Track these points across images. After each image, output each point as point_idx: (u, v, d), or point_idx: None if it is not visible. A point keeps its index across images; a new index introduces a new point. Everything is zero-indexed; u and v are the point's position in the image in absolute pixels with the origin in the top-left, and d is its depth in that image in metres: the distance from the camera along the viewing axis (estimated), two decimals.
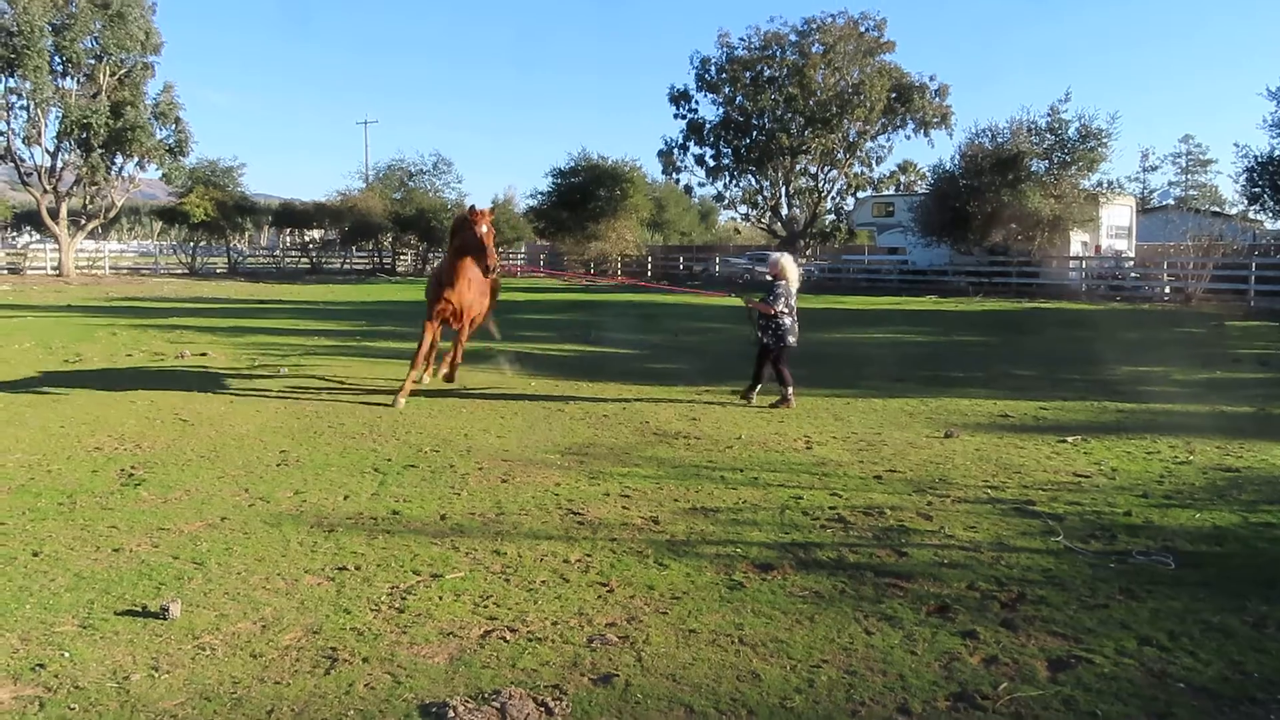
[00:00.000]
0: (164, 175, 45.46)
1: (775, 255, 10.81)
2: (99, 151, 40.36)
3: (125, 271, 47.76)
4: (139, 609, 4.24)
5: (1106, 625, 4.19)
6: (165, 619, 4.09)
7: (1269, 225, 34.78)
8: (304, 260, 53.56)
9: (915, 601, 4.46)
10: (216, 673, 3.64)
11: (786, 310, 10.10)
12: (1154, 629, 4.14)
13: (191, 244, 51.14)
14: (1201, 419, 9.33)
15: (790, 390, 10.00)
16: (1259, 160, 24.10)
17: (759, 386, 10.27)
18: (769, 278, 10.55)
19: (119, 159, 42.09)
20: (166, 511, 5.82)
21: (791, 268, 10.37)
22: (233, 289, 34.89)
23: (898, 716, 3.38)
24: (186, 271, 48.59)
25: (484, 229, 9.55)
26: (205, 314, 22.55)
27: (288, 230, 56.28)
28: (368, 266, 54.49)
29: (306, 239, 55.66)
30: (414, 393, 10.34)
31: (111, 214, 44.28)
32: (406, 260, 55.86)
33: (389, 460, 7.33)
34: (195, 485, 6.46)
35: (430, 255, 55.20)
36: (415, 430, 8.56)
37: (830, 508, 6.05)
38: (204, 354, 13.97)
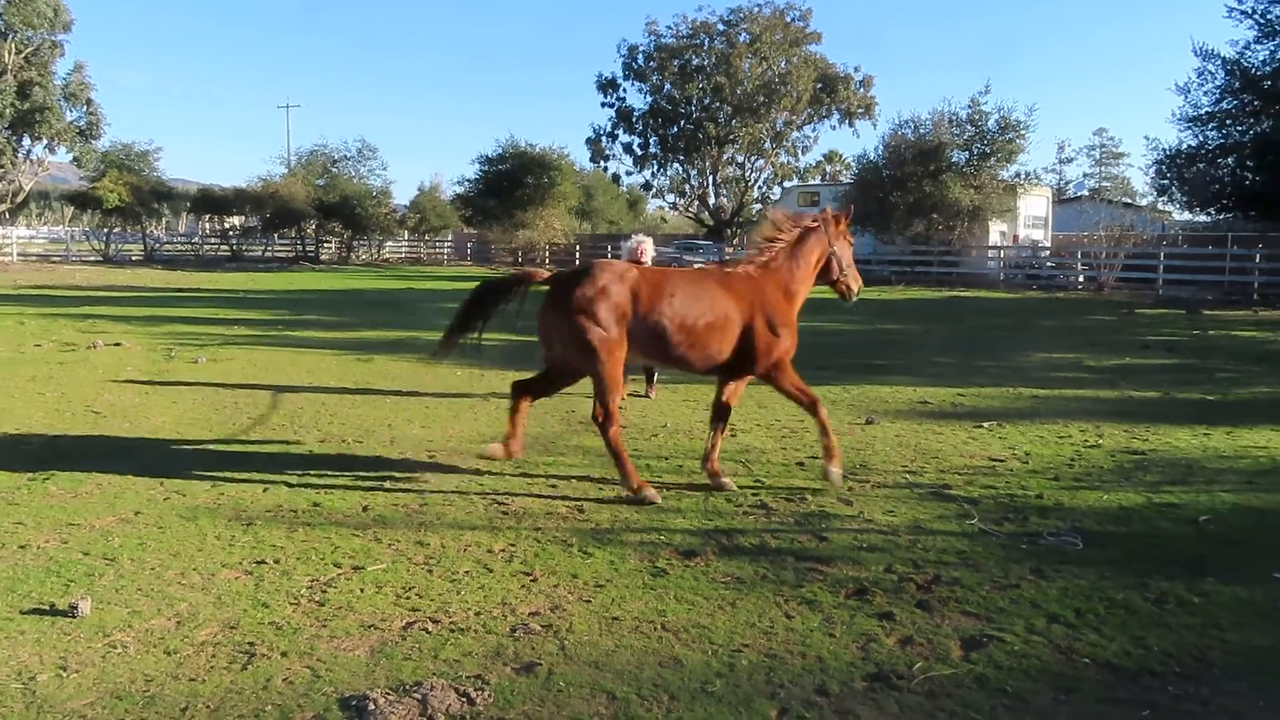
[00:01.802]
0: (75, 159, 44.02)
1: (637, 238, 10.19)
2: (5, 133, 38.88)
3: (34, 259, 46.05)
4: (46, 607, 4.12)
5: (1017, 604, 4.32)
6: (74, 617, 3.98)
7: (1177, 216, 36.00)
8: (224, 248, 52.26)
9: (834, 585, 4.54)
10: (128, 671, 3.55)
11: None
12: (1062, 607, 4.28)
13: (105, 230, 49.57)
14: (1111, 404, 9.65)
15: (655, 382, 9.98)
16: (1167, 153, 24.95)
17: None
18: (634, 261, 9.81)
19: (26, 141, 40.62)
20: (76, 506, 5.66)
21: (652, 252, 10.10)
22: (149, 277, 33.89)
23: (816, 698, 3.44)
24: (100, 259, 47.00)
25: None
26: (120, 303, 21.89)
27: (207, 217, 54.82)
28: (290, 254, 53.37)
29: (226, 226, 54.24)
30: (334, 388, 10.18)
31: (19, 198, 42.72)
32: (331, 248, 54.84)
33: (311, 451, 7.22)
34: (107, 479, 6.28)
35: (355, 243, 54.28)
36: (338, 421, 8.44)
37: (753, 494, 6.13)
38: (118, 344, 13.56)
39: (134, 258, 48.65)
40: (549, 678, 3.55)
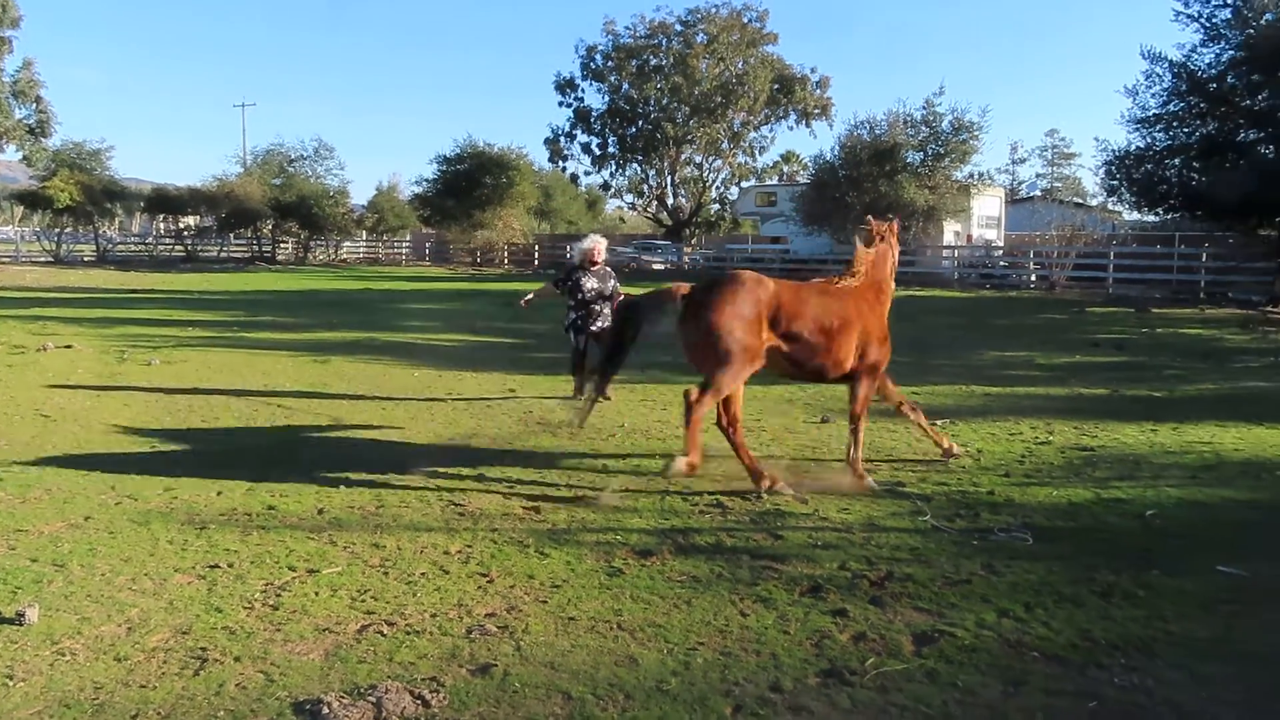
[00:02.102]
0: (24, 157, 43.03)
1: (592, 239, 10.09)
2: None
3: None
4: None
5: (968, 599, 4.39)
6: (21, 624, 3.92)
7: (1126, 216, 36.61)
8: (179, 248, 51.46)
9: (789, 583, 4.59)
10: (77, 678, 3.51)
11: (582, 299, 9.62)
12: (1012, 602, 4.36)
13: (56, 230, 48.58)
14: (1061, 401, 9.83)
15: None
16: (1117, 154, 25.25)
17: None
18: (578, 262, 9.87)
19: None
20: (25, 512, 5.56)
21: (605, 253, 9.99)
22: (102, 278, 33.31)
23: (770, 694, 3.48)
24: (51, 259, 46.01)
25: None
26: (71, 304, 21.49)
27: (161, 217, 53.91)
28: (246, 255, 52.68)
29: (181, 226, 53.42)
30: (309, 393, 10.09)
31: None
32: (287, 248, 54.23)
33: (265, 454, 7.15)
34: (57, 484, 6.17)
35: (312, 244, 53.75)
36: (293, 423, 8.37)
37: (709, 493, 6.16)
38: (69, 346, 13.33)
39: (86, 258, 47.70)
40: (504, 679, 3.56)
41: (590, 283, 9.61)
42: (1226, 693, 3.49)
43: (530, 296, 9.87)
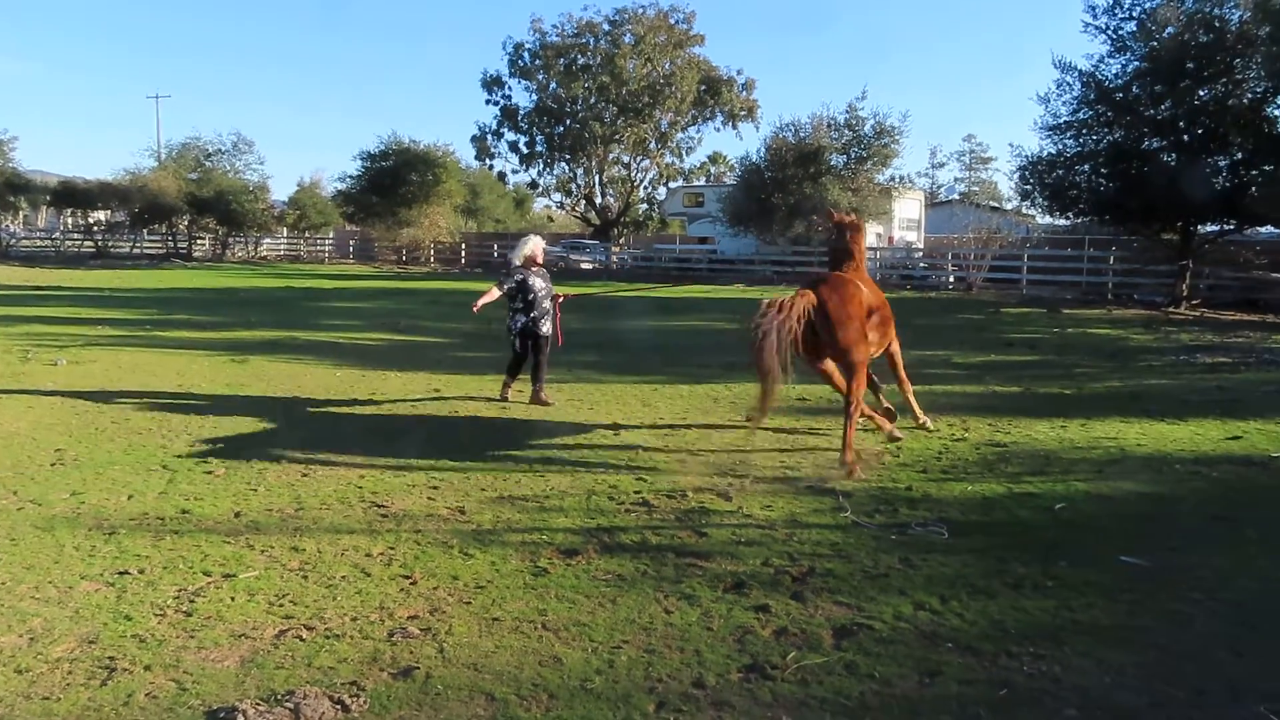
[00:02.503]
0: None
1: (533, 240, 9.96)
2: None
3: None
4: None
5: (886, 593, 4.48)
6: None
7: (1039, 220, 37.63)
8: (88, 244, 49.79)
9: (713, 580, 4.63)
10: None
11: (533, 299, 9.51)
12: (928, 594, 4.46)
13: None
14: (976, 399, 10.07)
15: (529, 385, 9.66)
16: (1030, 160, 25.91)
17: (514, 381, 9.75)
18: (520, 263, 9.70)
19: None
20: None
21: (540, 253, 9.86)
22: (4, 274, 32.04)
23: (693, 690, 3.51)
24: None
25: None
26: None
27: (69, 211, 52.05)
28: (161, 251, 51.17)
29: (91, 221, 51.71)
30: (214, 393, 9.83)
31: None
32: (204, 245, 52.84)
33: (179, 456, 6.96)
34: None
35: (231, 240, 52.50)
36: (210, 424, 8.16)
37: (635, 492, 6.19)
38: None
39: None
40: (427, 681, 3.53)
41: (539, 283, 9.55)
42: (1128, 679, 3.62)
43: (483, 301, 9.68)
